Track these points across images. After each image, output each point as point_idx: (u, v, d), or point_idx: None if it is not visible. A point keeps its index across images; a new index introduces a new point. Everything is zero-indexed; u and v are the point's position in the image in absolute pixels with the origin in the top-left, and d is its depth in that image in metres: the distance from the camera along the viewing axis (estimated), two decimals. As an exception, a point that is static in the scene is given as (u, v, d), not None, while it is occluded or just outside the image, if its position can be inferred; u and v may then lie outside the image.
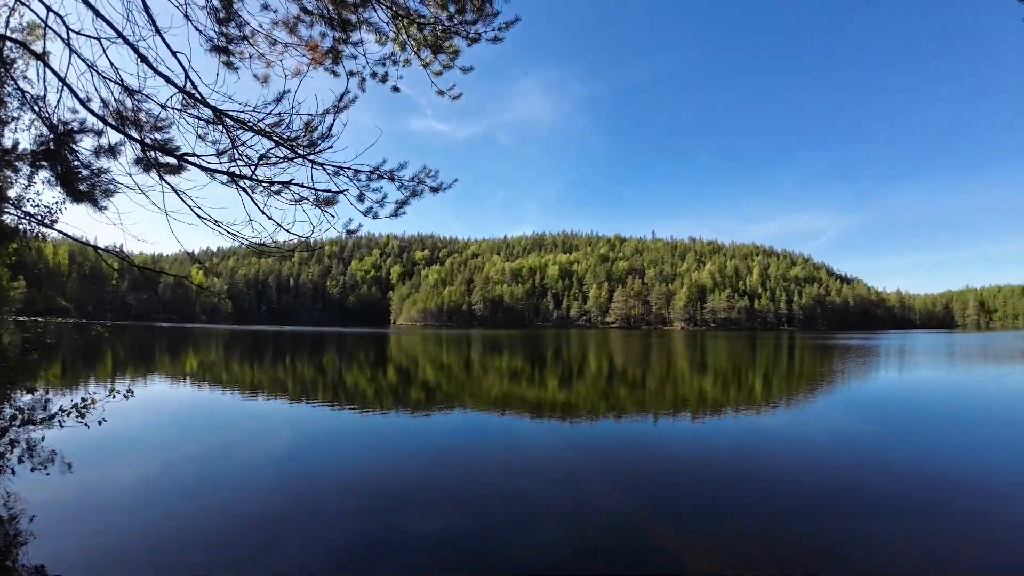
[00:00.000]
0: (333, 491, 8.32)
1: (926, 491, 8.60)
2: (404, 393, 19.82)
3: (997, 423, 14.45)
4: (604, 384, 22.93)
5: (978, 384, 23.34)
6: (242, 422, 14.18)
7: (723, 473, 9.59)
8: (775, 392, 21.01)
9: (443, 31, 5.16)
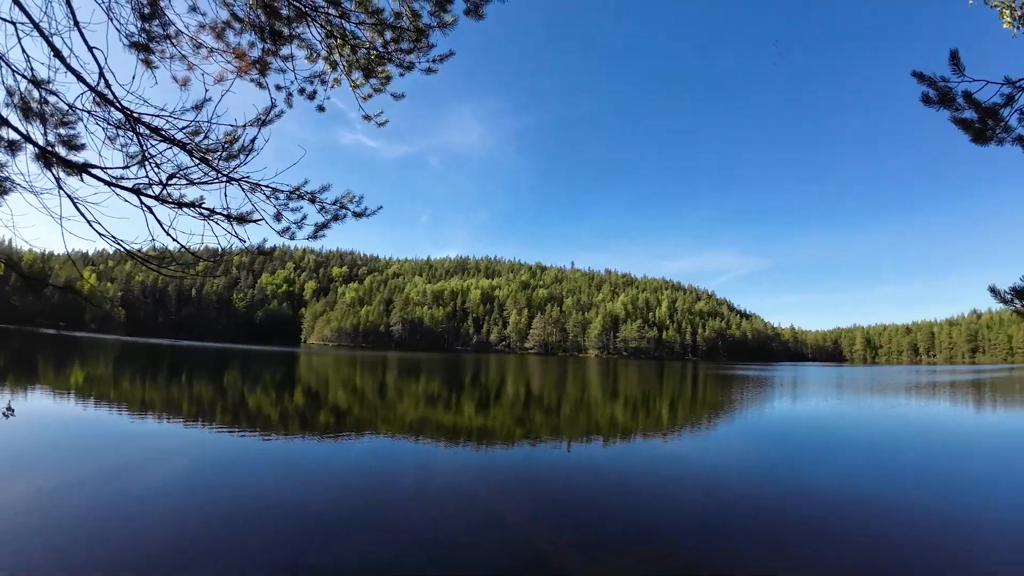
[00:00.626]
0: (232, 520, 7.76)
1: (816, 511, 9.38)
2: (312, 417, 18.89)
3: (880, 450, 16.03)
4: (520, 410, 23.09)
5: (864, 414, 25.83)
6: (134, 444, 12.89)
7: (632, 498, 9.95)
8: (681, 419, 22.12)
9: (377, 56, 5.19)
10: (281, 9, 4.65)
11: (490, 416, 20.85)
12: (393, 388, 31.31)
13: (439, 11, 5.20)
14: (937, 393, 38.43)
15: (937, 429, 20.26)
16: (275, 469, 11.24)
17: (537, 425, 18.75)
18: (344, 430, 16.58)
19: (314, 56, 5.13)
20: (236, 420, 17.16)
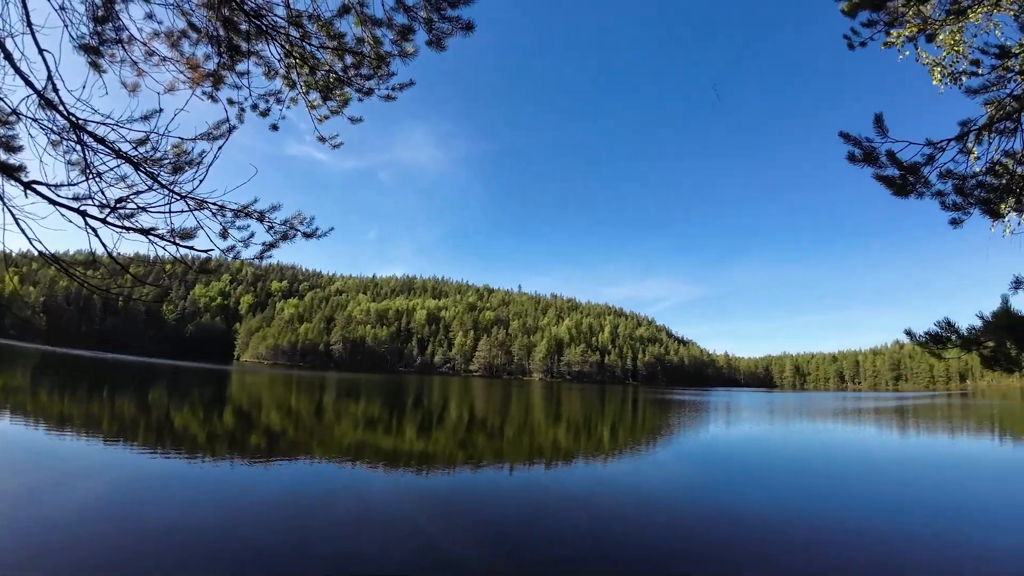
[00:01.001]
0: (152, 548, 7.29)
1: (751, 531, 9.79)
2: (242, 439, 18.03)
3: (810, 473, 16.88)
4: (463, 433, 22.91)
5: (794, 438, 27.13)
6: (49, 463, 11.90)
7: (572, 522, 10.07)
8: (621, 442, 22.56)
9: (336, 79, 5.24)
10: (240, 24, 4.64)
11: (432, 440, 20.55)
12: (331, 410, 30.31)
13: (401, 40, 5.33)
14: (863, 419, 40.94)
15: (859, 453, 21.58)
16: (201, 494, 10.66)
17: (480, 449, 18.64)
18: (277, 453, 15.89)
19: (272, 74, 5.12)
20: (160, 440, 16.15)
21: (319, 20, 4.89)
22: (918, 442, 26.13)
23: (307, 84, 5.31)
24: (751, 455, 20.47)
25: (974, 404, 67.72)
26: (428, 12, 5.29)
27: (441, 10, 5.27)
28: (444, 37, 5.29)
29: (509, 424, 27.85)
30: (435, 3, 5.24)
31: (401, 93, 5.36)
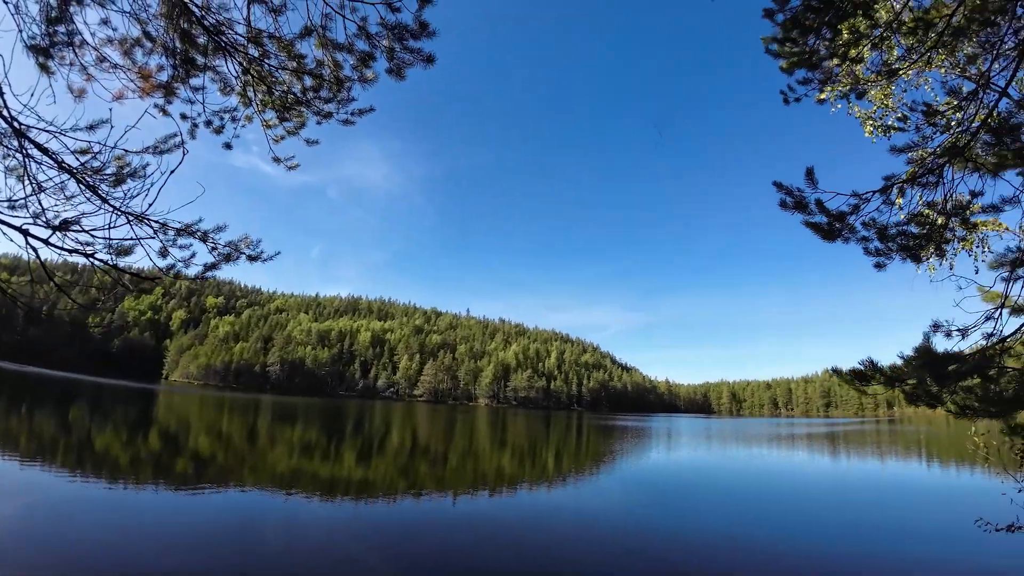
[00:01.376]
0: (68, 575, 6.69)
1: (692, 555, 9.98)
2: (169, 463, 16.94)
3: (746, 497, 17.41)
4: (405, 460, 22.35)
5: (731, 463, 27.97)
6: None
7: (515, 550, 9.97)
8: (566, 468, 22.63)
9: (294, 100, 5.18)
10: (198, 37, 4.54)
11: (372, 468, 19.94)
12: (265, 435, 28.90)
13: (361, 66, 5.35)
14: (796, 445, 42.74)
15: (792, 477, 22.50)
16: (122, 520, 9.90)
17: (422, 477, 18.23)
18: (205, 480, 15.02)
19: (228, 90, 5.00)
20: (81, 463, 14.96)
21: (280, 40, 4.86)
22: (849, 466, 27.53)
23: (264, 103, 5.22)
24: (691, 480, 20.98)
25: (901, 430, 72.11)
26: (390, 41, 5.36)
27: (403, 40, 5.35)
28: (405, 67, 5.36)
29: (453, 451, 27.41)
30: (398, 33, 5.31)
31: (360, 119, 5.35)
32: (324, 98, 5.21)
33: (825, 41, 5.18)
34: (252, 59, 4.83)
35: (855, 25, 5.13)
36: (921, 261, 5.21)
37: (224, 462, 18.61)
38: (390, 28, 5.29)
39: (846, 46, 5.14)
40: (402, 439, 32.06)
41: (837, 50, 5.23)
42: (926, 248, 5.11)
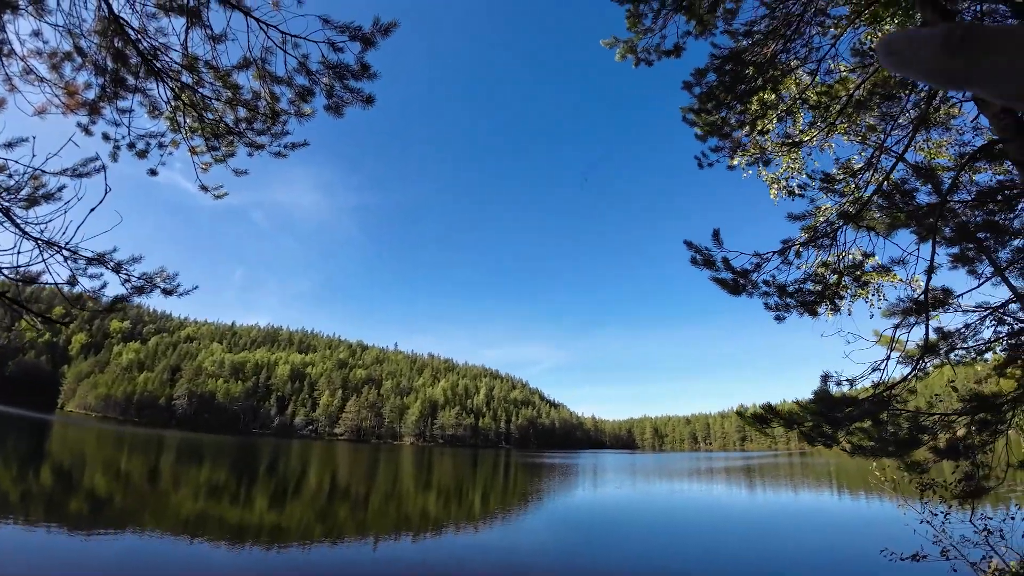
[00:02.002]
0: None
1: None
2: (63, 502, 15.26)
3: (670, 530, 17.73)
4: (323, 504, 21.19)
5: (655, 498, 28.46)
6: None
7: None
8: (493, 508, 22.26)
9: (226, 129, 5.05)
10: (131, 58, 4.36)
11: (286, 512, 18.72)
12: (168, 474, 26.63)
13: (299, 100, 5.33)
14: (714, 478, 44.25)
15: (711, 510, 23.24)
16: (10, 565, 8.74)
17: (341, 521, 17.31)
18: (102, 522, 13.69)
19: (156, 113, 4.80)
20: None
21: (216, 69, 4.76)
22: (764, 499, 28.80)
23: (192, 129, 5.05)
24: (617, 517, 21.21)
25: (811, 463, 76.47)
26: (330, 79, 5.39)
27: (344, 79, 5.39)
28: (344, 105, 5.39)
29: (375, 493, 26.29)
30: (339, 72, 5.35)
31: (294, 152, 5.29)
32: (257, 130, 5.11)
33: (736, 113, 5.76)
34: (185, 86, 4.69)
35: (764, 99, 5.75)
36: (817, 314, 5.77)
37: (123, 504, 16.99)
38: (331, 67, 5.33)
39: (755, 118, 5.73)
40: (320, 481, 30.38)
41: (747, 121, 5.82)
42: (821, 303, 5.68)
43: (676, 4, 5.71)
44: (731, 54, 5.92)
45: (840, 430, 4.99)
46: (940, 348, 5.84)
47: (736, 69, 5.61)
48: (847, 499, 29.18)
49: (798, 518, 21.81)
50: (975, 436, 5.55)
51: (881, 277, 6.21)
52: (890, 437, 5.17)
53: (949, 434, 5.56)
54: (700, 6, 5.69)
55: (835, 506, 26.16)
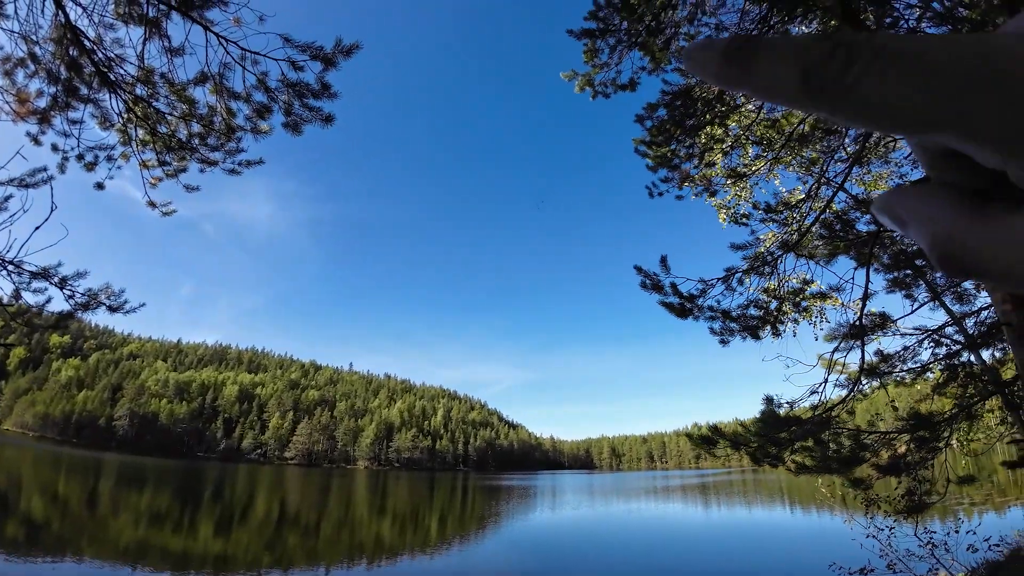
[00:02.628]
0: None
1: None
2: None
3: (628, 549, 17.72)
4: (272, 532, 20.29)
5: (613, 518, 28.46)
6: None
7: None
8: (449, 533, 21.81)
9: (179, 144, 4.92)
10: (85, 68, 4.21)
11: (232, 540, 17.87)
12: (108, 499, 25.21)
13: (257, 117, 5.26)
14: (671, 496, 44.73)
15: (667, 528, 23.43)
16: None
17: (291, 549, 16.62)
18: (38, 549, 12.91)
19: (107, 124, 4.63)
20: None
21: (172, 83, 4.65)
22: (719, 516, 29.25)
23: (144, 142, 4.90)
24: (575, 538, 21.14)
25: (764, 479, 78.26)
26: (289, 97, 5.34)
27: (303, 98, 5.36)
28: (302, 123, 5.35)
29: (327, 520, 25.38)
30: (298, 90, 5.32)
31: (248, 170, 5.19)
32: (211, 145, 5.00)
33: (684, 146, 6.04)
34: (138, 98, 4.55)
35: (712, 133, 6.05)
36: (760, 338, 6.05)
37: (60, 530, 16.13)
38: (290, 85, 5.29)
39: (703, 151, 6.02)
40: (268, 507, 29.11)
41: (695, 154, 6.11)
42: (763, 327, 5.95)
43: (632, 40, 5.98)
44: (681, 91, 6.23)
45: (785, 450, 5.18)
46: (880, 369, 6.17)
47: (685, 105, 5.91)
48: (798, 514, 30.00)
49: (751, 534, 22.27)
50: (915, 453, 5.83)
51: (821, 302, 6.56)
52: (833, 455, 5.40)
53: (890, 451, 5.84)
54: (654, 43, 5.98)
55: (786, 522, 26.86)
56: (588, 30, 6.36)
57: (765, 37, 0.16)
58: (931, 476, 5.98)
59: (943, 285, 6.91)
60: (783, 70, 0.17)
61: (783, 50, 0.17)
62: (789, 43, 0.17)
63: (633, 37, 6.04)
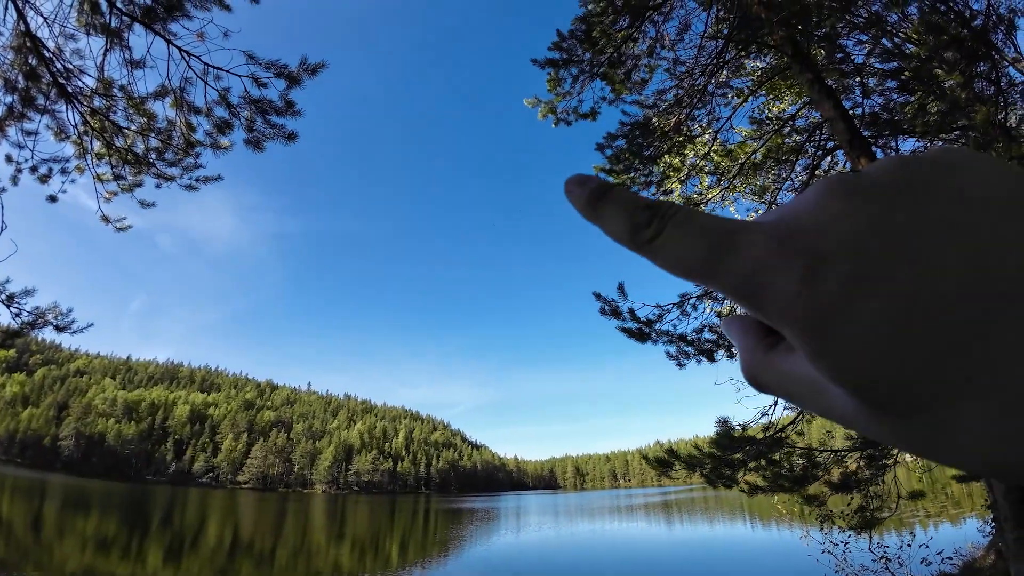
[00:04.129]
0: None
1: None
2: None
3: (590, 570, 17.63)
4: (224, 560, 19.44)
5: (578, 538, 28.25)
6: None
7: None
8: (411, 558, 21.30)
9: (135, 158, 4.80)
10: (44, 77, 4.09)
11: (183, 568, 17.06)
12: (53, 524, 23.88)
13: (217, 132, 5.19)
14: (634, 515, 44.79)
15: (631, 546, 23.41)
16: None
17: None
18: None
19: (63, 136, 4.49)
20: None
21: (131, 96, 4.56)
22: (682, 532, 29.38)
23: (99, 155, 4.76)
24: (539, 561, 20.93)
25: (724, 496, 79.35)
26: (252, 113, 5.30)
27: (266, 114, 5.33)
28: (264, 140, 5.30)
29: (283, 546, 24.44)
30: (261, 107, 5.28)
31: (206, 186, 5.10)
32: (168, 160, 4.90)
33: (643, 174, 6.28)
34: (95, 110, 4.44)
35: (669, 162, 6.31)
36: (715, 360, 6.27)
37: (4, 554, 15.44)
38: (253, 101, 5.25)
39: (661, 179, 6.27)
40: (220, 533, 27.85)
41: (653, 182, 6.36)
42: (718, 350, 6.17)
43: (594, 71, 6.20)
44: (639, 122, 6.48)
45: (739, 471, 5.32)
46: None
47: (644, 135, 6.16)
48: (758, 530, 30.50)
49: (712, 552, 22.51)
50: (865, 470, 6.07)
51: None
52: (786, 473, 5.57)
53: (842, 469, 6.06)
54: (616, 75, 6.22)
55: (746, 538, 27.28)
56: (552, 60, 6.57)
57: (617, 189, 0.19)
58: (883, 492, 6.20)
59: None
60: (619, 223, 0.20)
61: (623, 205, 0.21)
62: (629, 201, 0.21)
63: (595, 68, 6.28)
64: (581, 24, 6.42)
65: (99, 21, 4.79)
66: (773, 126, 7.49)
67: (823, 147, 6.71)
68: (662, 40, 6.69)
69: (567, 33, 6.22)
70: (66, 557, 16.50)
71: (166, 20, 4.87)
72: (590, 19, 6.25)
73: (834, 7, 5.49)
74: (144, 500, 51.66)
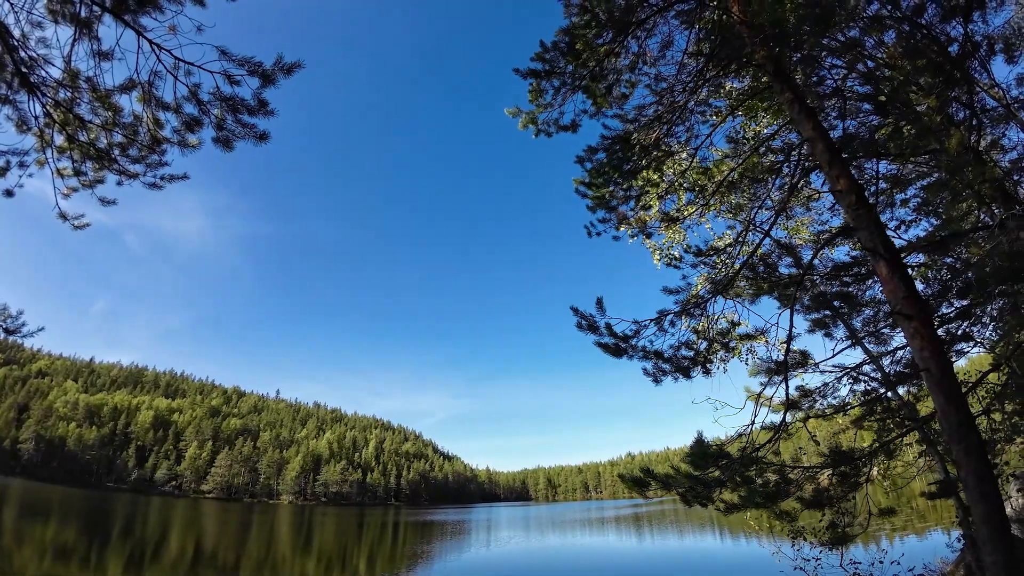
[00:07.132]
0: None
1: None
2: None
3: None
4: (186, 570, 18.74)
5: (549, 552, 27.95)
6: None
7: None
8: (378, 572, 20.83)
9: (96, 152, 4.59)
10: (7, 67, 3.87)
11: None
12: (12, 532, 22.98)
13: (185, 130, 5.00)
14: (606, 527, 44.57)
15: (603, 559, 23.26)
16: None
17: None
18: None
19: (24, 128, 4.26)
20: None
21: (96, 89, 4.36)
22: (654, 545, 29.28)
23: (61, 149, 4.54)
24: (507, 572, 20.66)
25: (695, 510, 79.46)
26: (222, 111, 5.12)
27: (238, 113, 5.15)
28: (235, 139, 5.13)
29: (246, 558, 23.67)
30: (232, 105, 5.10)
31: (171, 185, 4.90)
32: (132, 157, 4.69)
33: (622, 188, 6.29)
34: (59, 102, 4.23)
35: (648, 177, 6.33)
36: (691, 377, 6.27)
37: None
38: (224, 99, 5.08)
39: (640, 194, 6.28)
40: (183, 544, 26.86)
41: (632, 196, 6.37)
42: (694, 367, 6.18)
43: (575, 84, 6.21)
44: (620, 136, 6.50)
45: (714, 490, 5.29)
46: (802, 404, 6.49)
47: (624, 150, 6.18)
48: (728, 544, 30.60)
49: (683, 566, 22.49)
50: (837, 487, 6.11)
51: (749, 341, 6.88)
52: (759, 489, 5.57)
53: (814, 485, 6.09)
54: (597, 88, 6.23)
55: (717, 552, 27.32)
56: (534, 70, 6.55)
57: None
58: (854, 508, 6.25)
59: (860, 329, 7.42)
60: None
61: None
62: None
63: (577, 80, 6.29)
64: (565, 36, 6.43)
65: (69, 11, 4.60)
66: (751, 146, 7.60)
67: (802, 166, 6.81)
68: (644, 56, 6.73)
69: (550, 44, 6.22)
70: (24, 565, 16.06)
71: (137, 12, 4.69)
72: (574, 31, 6.26)
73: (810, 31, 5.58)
74: (105, 507, 49.82)
